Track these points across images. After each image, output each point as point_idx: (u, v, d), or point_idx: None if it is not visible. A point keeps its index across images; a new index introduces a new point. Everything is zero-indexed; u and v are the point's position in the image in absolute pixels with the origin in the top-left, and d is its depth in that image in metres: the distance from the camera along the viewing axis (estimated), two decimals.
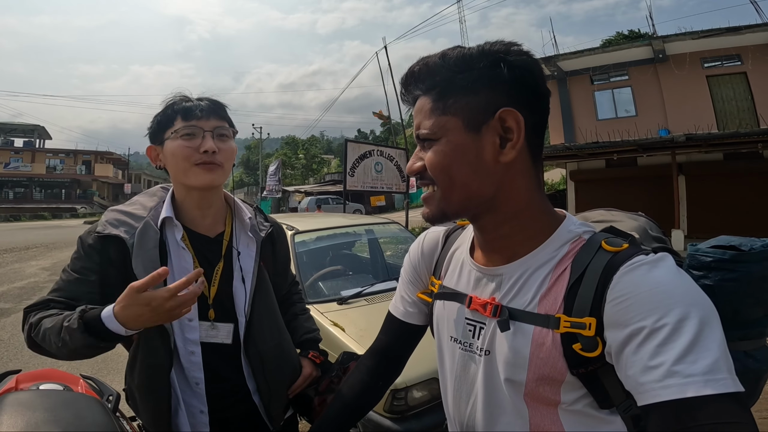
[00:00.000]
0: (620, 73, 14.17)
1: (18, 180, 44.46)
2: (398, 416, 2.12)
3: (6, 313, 6.20)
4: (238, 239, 1.25)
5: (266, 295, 1.27)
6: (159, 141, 1.17)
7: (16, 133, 47.11)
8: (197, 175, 1.13)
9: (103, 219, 1.16)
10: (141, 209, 1.19)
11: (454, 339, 0.79)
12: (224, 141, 1.17)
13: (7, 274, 9.21)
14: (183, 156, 1.12)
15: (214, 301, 1.18)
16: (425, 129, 0.69)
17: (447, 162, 0.67)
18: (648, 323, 0.55)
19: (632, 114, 13.92)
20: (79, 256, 1.11)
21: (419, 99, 0.71)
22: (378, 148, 10.50)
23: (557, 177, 19.62)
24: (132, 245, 1.11)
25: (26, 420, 1.04)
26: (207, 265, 1.19)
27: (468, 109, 0.66)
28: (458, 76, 0.66)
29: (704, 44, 12.43)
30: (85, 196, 46.14)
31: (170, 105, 1.17)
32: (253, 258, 1.24)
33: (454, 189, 0.68)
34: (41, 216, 37.45)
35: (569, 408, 0.66)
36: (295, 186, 36.30)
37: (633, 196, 12.32)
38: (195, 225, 1.22)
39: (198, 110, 1.14)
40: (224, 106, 1.22)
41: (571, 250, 0.68)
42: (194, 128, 1.12)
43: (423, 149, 0.71)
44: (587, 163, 13.54)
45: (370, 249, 4.19)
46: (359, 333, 2.45)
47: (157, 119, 1.17)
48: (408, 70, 0.72)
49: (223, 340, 1.18)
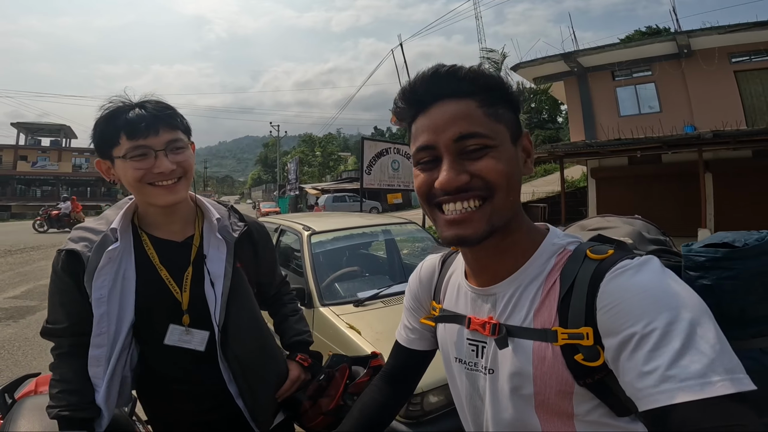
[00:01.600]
0: (643, 68, 13.83)
1: (45, 178, 45.88)
2: (414, 421, 2.10)
3: (31, 311, 6.33)
4: (207, 242, 1.21)
5: (244, 298, 1.24)
6: (107, 157, 1.09)
7: (43, 132, 48.58)
8: (157, 196, 1.09)
9: (68, 236, 1.16)
10: (103, 224, 1.18)
11: (459, 360, 0.80)
12: (180, 153, 1.10)
13: (33, 272, 9.47)
14: (135, 179, 1.06)
15: (189, 307, 1.17)
16: (484, 134, 0.65)
17: (509, 169, 0.66)
18: (638, 329, 0.54)
19: (656, 110, 13.59)
20: (53, 279, 1.14)
21: (450, 102, 0.66)
22: (395, 146, 10.49)
23: (578, 174, 19.27)
24: (88, 258, 1.10)
25: (44, 424, 1.06)
26: (176, 270, 1.17)
27: (512, 121, 0.68)
28: (499, 91, 0.68)
29: (731, 39, 12.03)
30: (110, 194, 47.27)
31: (112, 118, 1.06)
32: (223, 260, 1.20)
33: (508, 199, 0.67)
34: None
35: (585, 419, 0.65)
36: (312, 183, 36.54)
37: (657, 194, 12.04)
38: (160, 231, 1.20)
39: (143, 124, 1.04)
40: (172, 109, 1.12)
41: (558, 262, 0.69)
42: (144, 149, 1.04)
43: (464, 160, 0.65)
44: (609, 161, 13.27)
45: (387, 249, 4.16)
46: (375, 336, 2.43)
47: (99, 133, 1.07)
48: (443, 68, 0.67)
49: (196, 347, 1.17)
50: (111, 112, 1.07)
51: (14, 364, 4.26)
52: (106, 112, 1.07)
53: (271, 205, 32.68)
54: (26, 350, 4.70)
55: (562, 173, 13.53)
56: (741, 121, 11.85)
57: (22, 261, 11.04)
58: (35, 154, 45.88)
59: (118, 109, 1.07)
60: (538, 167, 25.90)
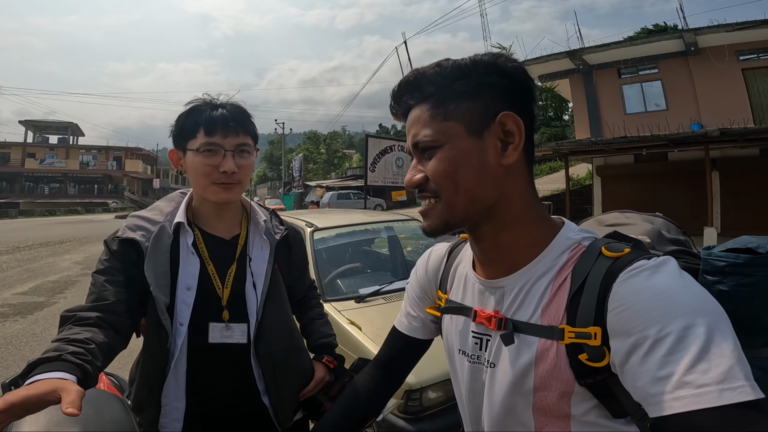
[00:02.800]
0: (650, 66, 13.70)
1: (53, 176, 46.30)
2: (413, 417, 2.12)
3: (39, 307, 6.41)
4: (252, 242, 1.27)
5: (279, 298, 1.28)
6: (181, 148, 1.18)
7: (50, 130, 49.05)
8: (215, 193, 1.16)
9: (124, 224, 1.21)
10: (159, 214, 1.23)
11: (463, 352, 0.79)
12: (245, 158, 1.18)
13: (41, 268, 9.58)
14: (203, 173, 1.14)
15: (228, 303, 1.21)
16: (426, 137, 0.68)
17: (452, 168, 0.66)
18: (651, 333, 0.53)
19: (662, 108, 13.46)
20: (106, 258, 1.16)
21: (414, 109, 0.71)
22: (399, 143, 10.49)
23: (583, 172, 19.17)
24: (147, 249, 1.14)
25: (48, 416, 1.07)
26: (221, 266, 1.22)
27: (469, 114, 0.66)
28: (457, 83, 0.67)
29: (739, 36, 11.88)
30: (116, 191, 47.67)
31: (194, 112, 1.16)
32: (266, 261, 1.26)
33: (458, 196, 0.67)
34: (75, 211, 38.91)
35: (581, 419, 0.64)
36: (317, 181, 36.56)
37: (663, 192, 11.96)
38: (211, 227, 1.25)
39: (221, 124, 1.13)
40: (249, 115, 1.21)
41: (571, 257, 0.67)
42: (215, 146, 1.13)
43: (422, 160, 0.70)
44: (615, 158, 13.20)
45: (390, 246, 4.17)
46: (376, 332, 2.45)
47: (180, 125, 1.17)
48: (401, 81, 0.73)
49: (239, 340, 1.20)
50: (194, 107, 1.17)
51: (21, 359, 4.30)
52: (190, 106, 1.17)
53: (276, 203, 32.67)
54: (33, 346, 4.76)
55: (567, 171, 13.48)
56: (748, 119, 11.72)
57: (30, 257, 11.17)
58: (43, 152, 46.32)
59: (201, 105, 1.16)
60: (543, 165, 25.77)
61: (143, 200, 46.96)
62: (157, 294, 1.12)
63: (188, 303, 1.16)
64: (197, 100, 1.19)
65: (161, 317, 1.12)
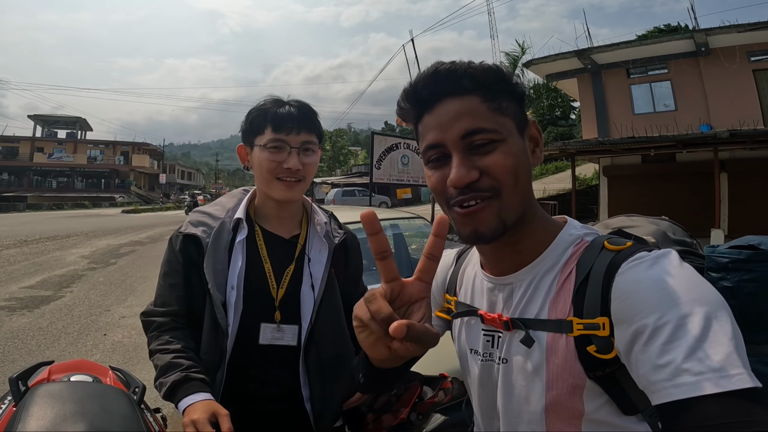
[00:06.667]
0: (659, 66, 13.60)
1: (61, 170, 46.67)
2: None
3: (46, 301, 6.43)
4: (311, 243, 1.26)
5: (333, 302, 1.25)
6: (249, 143, 1.20)
7: (59, 125, 49.41)
8: (278, 189, 1.18)
9: (186, 219, 1.22)
10: (220, 210, 1.24)
11: (475, 351, 0.79)
12: (309, 155, 1.19)
13: (48, 262, 9.64)
14: (267, 169, 1.15)
15: (281, 304, 1.19)
16: (490, 128, 0.64)
17: (516, 163, 0.65)
18: (651, 321, 0.53)
19: (671, 108, 13.37)
20: (168, 259, 1.18)
21: (449, 100, 0.66)
22: (405, 141, 10.46)
23: (590, 172, 19.08)
24: (207, 244, 1.15)
25: (55, 411, 1.08)
26: (278, 266, 1.21)
27: (517, 114, 0.68)
28: (500, 83, 0.67)
29: (751, 37, 11.76)
30: (123, 186, 47.96)
31: (264, 109, 1.18)
32: (324, 264, 1.25)
33: (516, 193, 0.66)
34: (82, 205, 39.16)
35: (592, 417, 0.64)
36: (323, 178, 36.60)
37: (670, 193, 11.89)
38: (271, 225, 1.25)
39: (289, 122, 1.15)
40: (315, 113, 1.22)
41: (575, 252, 0.68)
42: (282, 143, 1.14)
43: (473, 156, 0.65)
44: (622, 159, 13.12)
45: (395, 244, 4.16)
46: None
47: (250, 121, 1.19)
48: (443, 66, 0.67)
49: (289, 342, 1.19)
50: (265, 104, 1.19)
51: (27, 353, 4.32)
52: (261, 104, 1.20)
53: None
54: (40, 340, 4.78)
55: (573, 171, 13.41)
56: (759, 120, 11.61)
57: (38, 251, 11.25)
58: (51, 146, 46.69)
59: (271, 103, 1.19)
60: (550, 164, 25.68)
61: (149, 195, 47.28)
62: (214, 292, 1.12)
63: (231, 302, 1.15)
64: (268, 97, 1.21)
65: (218, 315, 1.12)
